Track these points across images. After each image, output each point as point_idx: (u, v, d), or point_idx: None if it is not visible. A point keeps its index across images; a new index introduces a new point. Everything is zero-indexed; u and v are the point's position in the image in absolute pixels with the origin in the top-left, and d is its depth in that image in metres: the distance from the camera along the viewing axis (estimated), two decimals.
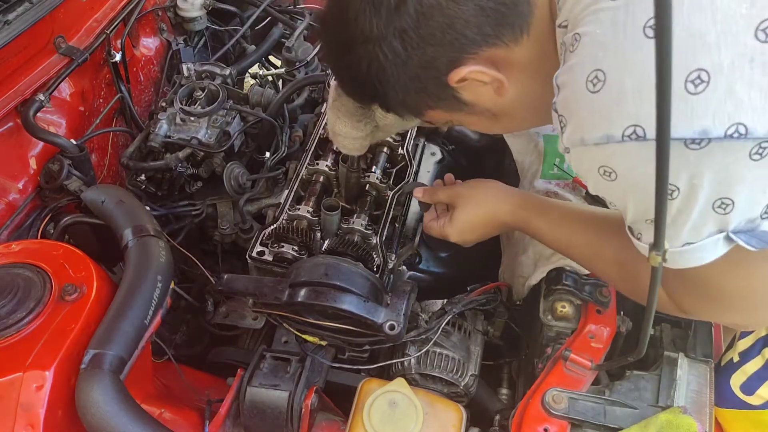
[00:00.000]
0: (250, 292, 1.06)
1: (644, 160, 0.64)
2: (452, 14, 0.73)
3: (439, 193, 1.14)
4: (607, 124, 0.65)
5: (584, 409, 0.92)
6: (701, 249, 0.69)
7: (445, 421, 0.97)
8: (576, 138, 0.69)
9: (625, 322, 1.06)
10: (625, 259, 0.89)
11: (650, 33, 0.61)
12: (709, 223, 0.67)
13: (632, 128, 0.63)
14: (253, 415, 0.97)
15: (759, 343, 1.03)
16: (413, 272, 1.33)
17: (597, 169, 0.69)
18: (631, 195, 0.71)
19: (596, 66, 0.65)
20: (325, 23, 0.85)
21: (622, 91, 0.63)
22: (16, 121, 1.19)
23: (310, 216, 1.16)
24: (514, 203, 1.06)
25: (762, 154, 0.60)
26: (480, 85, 0.80)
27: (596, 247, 0.96)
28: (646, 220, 0.72)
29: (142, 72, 1.57)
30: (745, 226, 0.67)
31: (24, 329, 0.83)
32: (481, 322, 1.18)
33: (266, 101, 1.40)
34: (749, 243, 0.67)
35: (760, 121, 0.58)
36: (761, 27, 0.58)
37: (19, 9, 1.15)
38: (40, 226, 1.13)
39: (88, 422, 0.78)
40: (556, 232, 1.02)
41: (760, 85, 0.58)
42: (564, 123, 0.72)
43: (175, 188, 1.37)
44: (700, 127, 0.59)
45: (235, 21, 1.77)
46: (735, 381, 1.04)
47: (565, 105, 0.71)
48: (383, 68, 0.79)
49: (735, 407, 1.05)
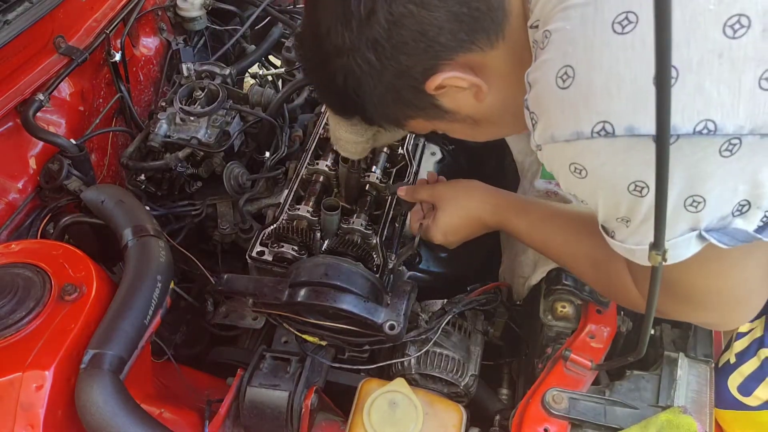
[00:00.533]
0: (250, 292, 1.06)
1: (613, 157, 0.64)
2: (424, 21, 0.72)
3: (422, 192, 1.15)
4: (576, 121, 0.65)
5: (584, 409, 0.92)
6: (674, 247, 0.68)
7: (445, 422, 0.97)
8: (547, 135, 0.69)
9: (626, 322, 1.06)
10: (600, 258, 0.89)
11: (618, 29, 0.61)
12: (681, 222, 0.66)
13: (601, 124, 0.62)
14: (252, 415, 0.97)
15: (755, 344, 1.04)
16: (413, 272, 1.33)
17: (568, 166, 0.69)
18: (601, 192, 0.70)
19: (566, 62, 0.65)
20: (301, 40, 0.86)
21: (590, 87, 0.63)
22: (16, 121, 1.19)
23: (310, 216, 1.16)
24: (494, 203, 1.07)
25: (732, 150, 0.60)
26: (458, 91, 0.79)
27: (573, 247, 0.97)
28: (617, 218, 0.72)
29: (142, 72, 1.57)
30: (718, 224, 0.66)
31: (24, 329, 0.82)
32: (481, 322, 1.17)
33: (266, 101, 1.40)
34: (721, 241, 0.66)
35: (729, 117, 0.58)
36: (729, 23, 0.57)
37: (19, 9, 1.15)
38: (39, 226, 1.13)
39: (88, 422, 0.78)
40: (534, 232, 1.03)
41: (729, 81, 0.58)
42: (535, 120, 0.71)
43: (174, 188, 1.37)
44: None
45: (235, 21, 1.77)
46: (732, 382, 1.04)
47: (536, 102, 0.71)
48: (359, 80, 0.79)
49: (733, 408, 1.05)
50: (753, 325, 1.05)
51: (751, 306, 0.81)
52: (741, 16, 0.57)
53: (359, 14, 0.73)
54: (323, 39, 0.77)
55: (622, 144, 0.63)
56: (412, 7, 0.71)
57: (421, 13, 0.71)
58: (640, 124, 0.60)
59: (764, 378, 1.01)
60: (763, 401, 1.02)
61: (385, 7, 0.72)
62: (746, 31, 0.57)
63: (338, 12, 0.74)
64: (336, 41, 0.76)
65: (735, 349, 1.06)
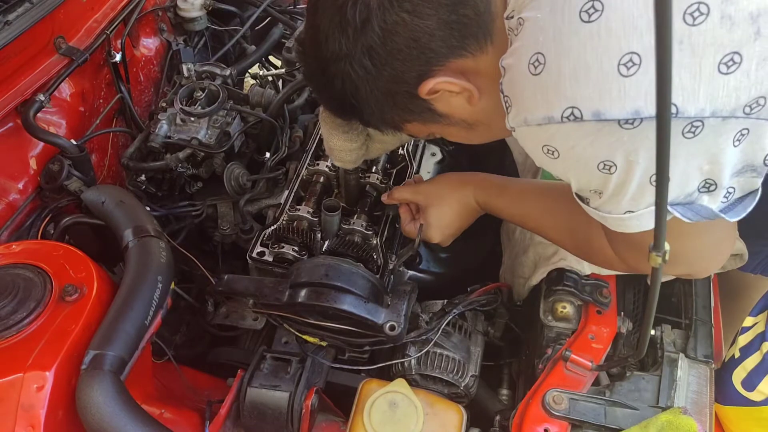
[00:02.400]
0: (251, 293, 1.06)
1: (582, 140, 0.68)
2: (417, 29, 0.75)
3: (403, 192, 1.18)
4: (547, 106, 0.68)
5: (585, 409, 0.93)
6: (639, 217, 0.73)
7: (445, 422, 0.98)
8: (520, 119, 0.72)
9: (626, 323, 1.06)
10: (576, 225, 0.95)
11: (585, 17, 0.63)
12: (647, 195, 0.70)
13: (570, 110, 0.65)
14: (253, 415, 0.97)
15: (758, 338, 1.04)
16: (413, 273, 1.33)
17: (541, 148, 0.73)
18: (572, 171, 0.75)
19: (537, 49, 0.68)
20: (303, 45, 0.89)
21: (560, 74, 0.66)
22: (16, 122, 1.19)
23: (310, 216, 1.16)
24: (474, 184, 1.12)
25: (695, 132, 0.63)
26: (451, 96, 0.82)
27: (550, 218, 1.03)
28: (590, 189, 0.76)
29: (142, 72, 1.57)
30: (684, 200, 0.70)
31: (24, 330, 0.83)
32: (482, 322, 1.18)
33: (266, 101, 1.40)
34: (685, 215, 0.71)
35: (689, 100, 0.61)
36: (689, 11, 0.60)
37: (19, 9, 1.15)
38: (40, 226, 1.13)
39: (89, 423, 0.78)
40: (513, 207, 1.09)
41: (689, 67, 0.60)
42: (509, 104, 0.74)
43: (175, 189, 1.37)
44: (632, 107, 0.62)
45: (235, 21, 1.77)
46: (736, 377, 1.04)
47: (509, 87, 0.74)
48: (356, 85, 0.81)
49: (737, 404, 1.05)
50: (756, 319, 1.06)
51: (719, 258, 0.87)
52: (700, 4, 0.59)
53: (355, 22, 0.76)
54: (322, 45, 0.80)
55: (590, 128, 0.66)
56: (405, 16, 0.74)
57: (414, 21, 0.74)
58: (605, 109, 0.63)
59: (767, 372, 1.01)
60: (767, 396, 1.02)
61: (379, 15, 0.74)
62: (705, 18, 0.59)
63: (335, 20, 0.77)
64: (333, 47, 0.79)
65: (739, 344, 1.06)
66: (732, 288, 1.34)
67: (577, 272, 1.09)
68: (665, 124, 0.50)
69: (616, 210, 0.74)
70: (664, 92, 0.48)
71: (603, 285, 1.08)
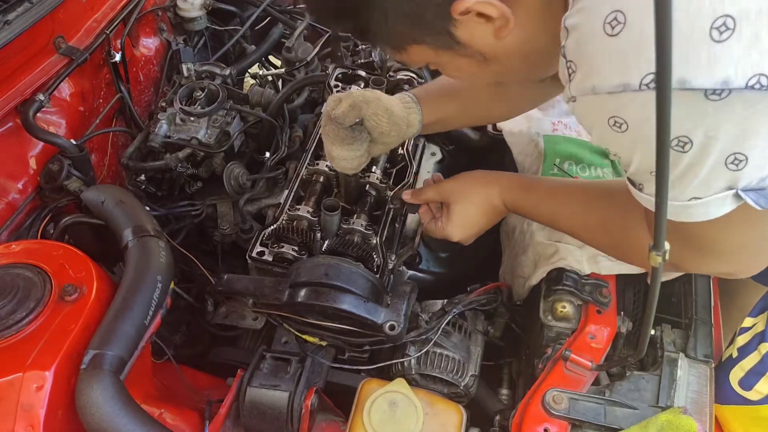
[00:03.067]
0: (250, 293, 1.06)
1: None
2: None
3: (428, 192, 1.14)
4: (625, 71, 0.61)
5: (584, 409, 0.93)
6: (707, 205, 0.66)
7: (445, 422, 0.98)
8: (587, 86, 0.65)
9: (625, 323, 1.06)
10: (611, 223, 0.89)
11: None
12: (719, 179, 0.64)
13: (651, 76, 0.59)
14: (253, 415, 0.97)
15: (756, 338, 1.04)
16: (413, 272, 1.33)
17: (606, 120, 0.66)
18: (639, 147, 0.67)
19: (615, 7, 0.60)
20: None
21: (643, 34, 0.58)
22: (16, 121, 1.19)
23: (310, 216, 1.16)
24: (501, 185, 1.07)
25: None
26: (481, 23, 0.73)
27: (582, 216, 0.96)
28: (651, 171, 0.68)
29: (142, 72, 1.57)
30: (757, 185, 0.64)
31: (24, 329, 0.83)
32: (482, 322, 1.18)
33: (266, 101, 1.40)
34: (757, 202, 0.65)
35: None
36: None
37: (19, 9, 1.15)
38: (40, 226, 1.13)
39: (88, 422, 0.78)
40: (542, 207, 1.03)
41: None
42: (573, 69, 0.66)
43: (175, 188, 1.37)
44: (721, 76, 0.56)
45: (235, 21, 1.77)
46: (734, 377, 1.05)
47: (576, 49, 0.66)
48: None
49: (735, 403, 1.05)
50: (756, 320, 1.06)
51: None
52: None
53: None
54: None
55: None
56: None
57: None
58: (691, 77, 0.57)
59: (765, 372, 1.02)
60: (764, 395, 1.02)
61: None
62: None
63: None
64: None
65: (737, 344, 1.06)
66: (731, 288, 1.34)
67: (577, 272, 1.09)
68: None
69: (681, 196, 0.66)
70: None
71: (603, 285, 1.08)
